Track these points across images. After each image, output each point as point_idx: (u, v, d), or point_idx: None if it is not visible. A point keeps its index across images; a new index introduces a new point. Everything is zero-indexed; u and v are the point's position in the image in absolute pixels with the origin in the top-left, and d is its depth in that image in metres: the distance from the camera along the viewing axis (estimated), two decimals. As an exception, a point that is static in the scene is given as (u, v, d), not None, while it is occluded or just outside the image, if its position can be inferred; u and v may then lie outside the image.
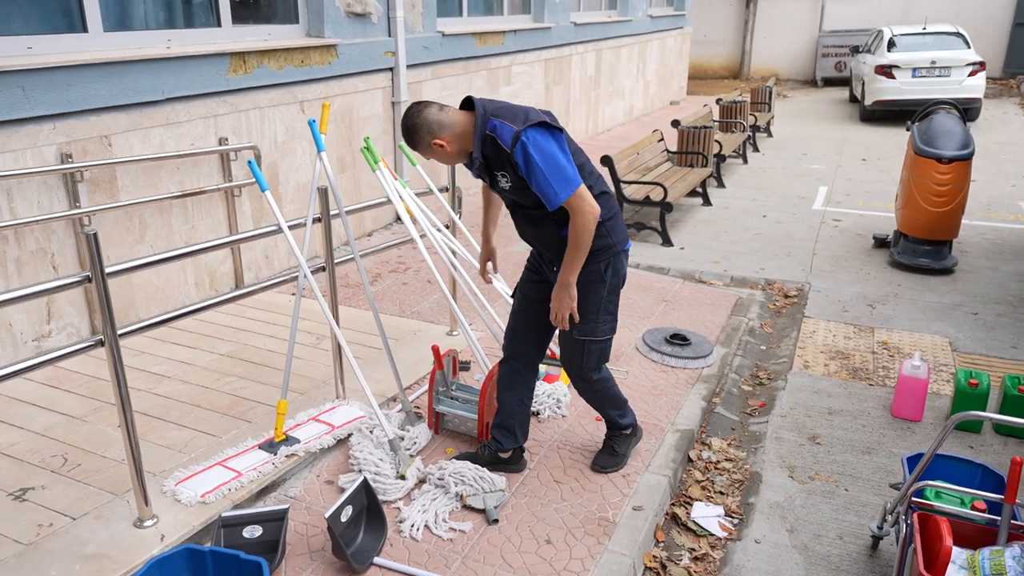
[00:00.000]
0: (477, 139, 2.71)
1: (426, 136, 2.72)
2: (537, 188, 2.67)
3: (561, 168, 2.65)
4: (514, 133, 2.63)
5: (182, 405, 3.69)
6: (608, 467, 3.33)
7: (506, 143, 2.65)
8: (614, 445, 3.37)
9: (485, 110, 2.72)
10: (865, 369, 4.48)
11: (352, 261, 3.72)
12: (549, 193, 2.66)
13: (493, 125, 2.68)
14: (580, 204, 2.68)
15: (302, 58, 5.52)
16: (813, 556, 2.99)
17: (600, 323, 3.00)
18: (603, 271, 2.94)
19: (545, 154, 2.64)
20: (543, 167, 2.62)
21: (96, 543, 2.68)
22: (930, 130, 6.06)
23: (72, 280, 2.47)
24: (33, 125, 3.89)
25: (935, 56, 12.37)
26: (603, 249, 2.90)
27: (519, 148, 2.63)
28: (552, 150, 2.66)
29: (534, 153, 2.62)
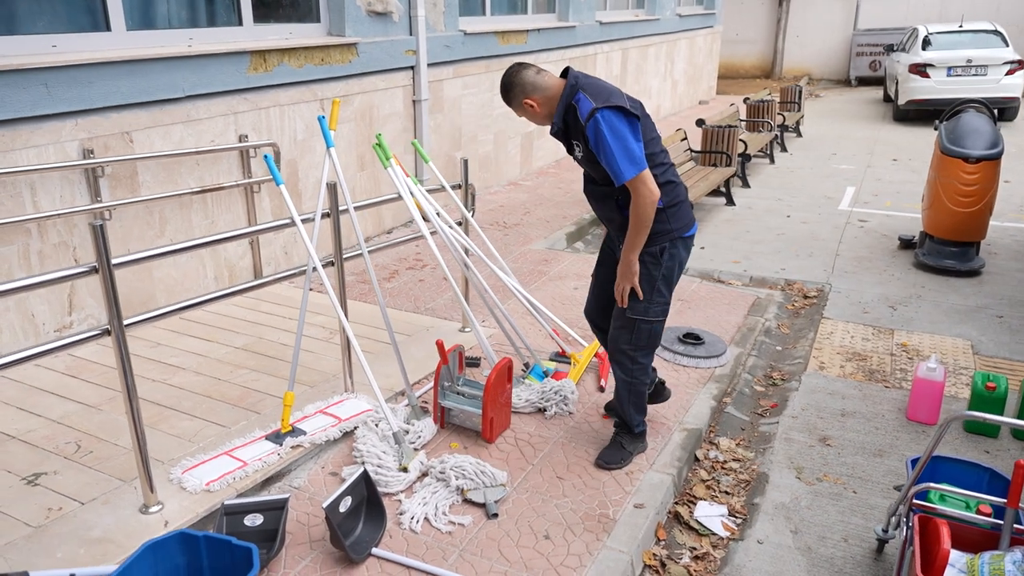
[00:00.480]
0: (561, 106, 2.95)
1: (519, 95, 2.98)
2: (605, 164, 2.88)
3: (629, 150, 2.84)
4: (592, 108, 2.84)
5: (194, 396, 3.76)
6: (613, 463, 3.33)
7: (582, 116, 2.86)
8: (622, 442, 3.38)
9: (576, 82, 2.93)
10: (882, 371, 4.40)
11: (367, 264, 3.75)
12: (615, 170, 2.86)
13: (578, 97, 2.89)
14: (640, 187, 2.87)
15: (322, 56, 5.59)
16: (816, 558, 2.96)
17: (652, 304, 3.13)
18: (659, 255, 3.09)
19: (616, 133, 2.83)
20: (612, 145, 2.82)
21: (102, 527, 2.75)
22: (957, 129, 5.93)
23: (79, 271, 2.53)
24: (56, 121, 4.00)
25: (971, 54, 12.10)
26: (661, 233, 3.06)
27: (592, 123, 2.84)
28: (623, 132, 2.84)
29: (605, 131, 2.82)
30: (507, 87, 3.01)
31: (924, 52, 12.53)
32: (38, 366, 4.04)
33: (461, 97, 7.47)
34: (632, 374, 3.24)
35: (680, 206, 3.10)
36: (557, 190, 8.35)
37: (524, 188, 8.46)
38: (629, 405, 3.32)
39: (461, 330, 4.69)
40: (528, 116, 3.05)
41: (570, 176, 8.98)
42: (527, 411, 3.77)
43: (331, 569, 2.72)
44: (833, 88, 18.45)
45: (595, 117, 2.83)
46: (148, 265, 4.63)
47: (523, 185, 8.60)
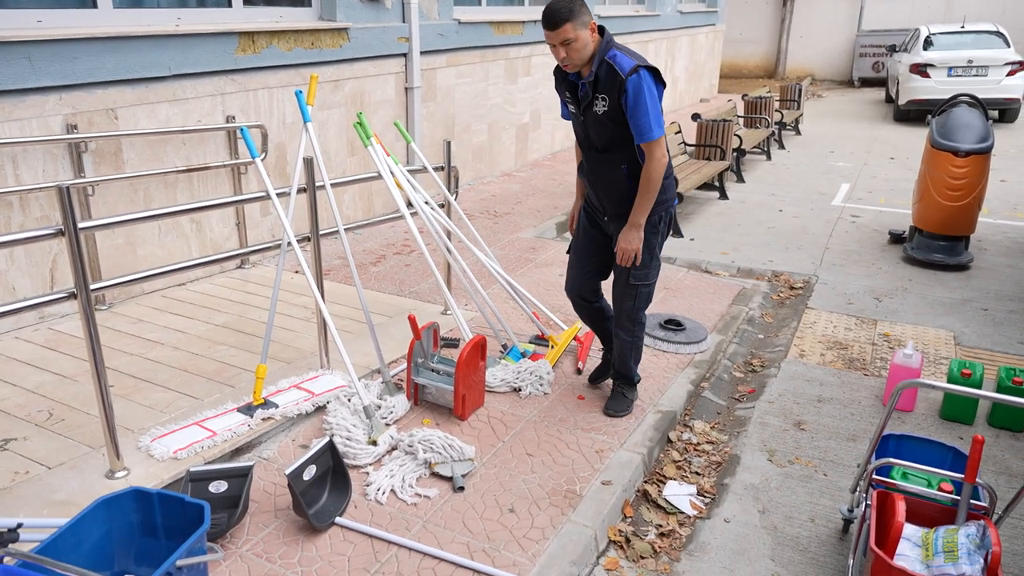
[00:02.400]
0: (598, 58, 3.00)
1: (586, 15, 2.95)
2: (636, 119, 2.98)
3: (659, 112, 3.02)
4: (634, 65, 2.96)
5: (170, 369, 3.78)
6: (621, 410, 3.56)
7: (623, 70, 2.94)
8: (624, 391, 3.62)
9: (610, 40, 3.04)
10: (862, 360, 4.40)
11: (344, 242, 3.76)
12: (644, 127, 2.99)
13: (613, 54, 2.99)
14: (657, 150, 3.05)
15: (312, 40, 5.60)
16: (781, 537, 2.95)
17: (652, 269, 3.35)
18: (657, 223, 3.28)
19: (652, 93, 2.98)
20: (648, 103, 2.95)
21: (67, 491, 2.76)
22: (948, 123, 5.92)
23: (45, 232, 2.54)
24: (39, 95, 4.01)
25: (972, 55, 12.06)
26: (662, 203, 3.25)
27: (635, 78, 2.94)
28: (656, 94, 3.02)
29: (644, 88, 2.94)
30: (574, 2, 2.91)
31: (925, 52, 12.49)
32: (17, 338, 4.06)
33: (455, 86, 7.48)
34: (634, 334, 3.48)
35: (671, 177, 3.31)
36: (551, 181, 8.35)
37: (518, 179, 8.47)
38: (631, 360, 3.56)
39: (443, 313, 4.69)
40: (581, 39, 2.94)
41: (565, 168, 8.98)
42: (502, 390, 3.77)
43: (293, 537, 2.73)
44: (836, 89, 18.41)
45: (639, 73, 2.94)
46: (132, 242, 4.65)
47: (517, 176, 8.60)
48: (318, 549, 2.67)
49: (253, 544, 2.68)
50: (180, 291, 4.88)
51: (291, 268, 5.34)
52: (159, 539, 2.19)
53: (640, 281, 3.35)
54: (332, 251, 5.71)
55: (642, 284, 3.36)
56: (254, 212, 5.44)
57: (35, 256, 4.17)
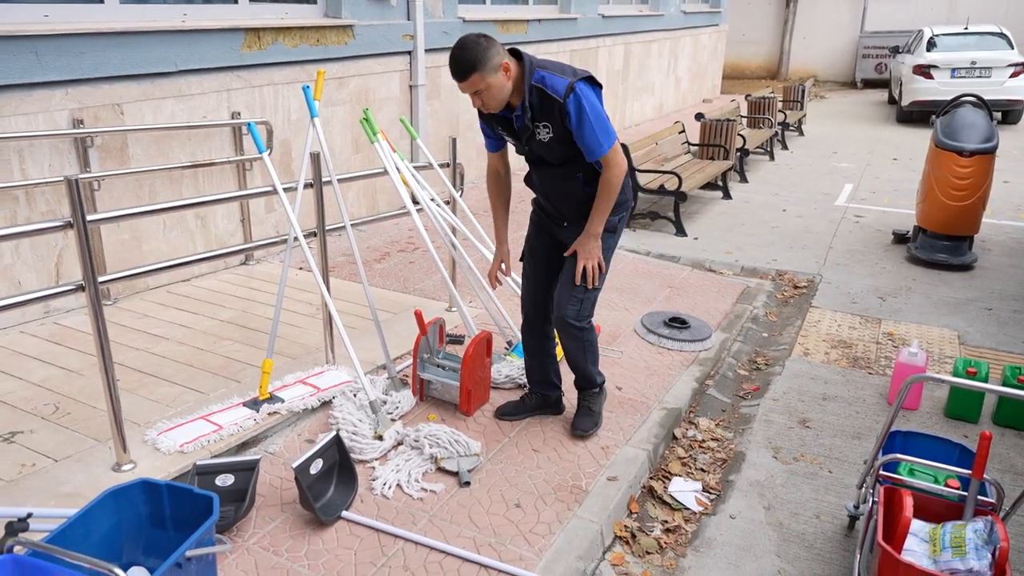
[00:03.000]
0: (526, 89, 2.77)
1: (495, 57, 2.67)
2: (583, 139, 2.78)
3: (605, 121, 2.80)
4: (568, 84, 2.73)
5: (176, 364, 3.78)
6: (589, 429, 3.34)
7: (559, 93, 2.73)
8: (589, 405, 3.39)
9: (531, 62, 2.79)
10: (867, 358, 4.40)
11: (350, 237, 3.77)
12: (594, 144, 2.79)
13: (540, 76, 2.76)
14: (616, 157, 2.85)
15: (318, 37, 5.60)
16: (787, 533, 2.95)
17: (603, 274, 3.10)
18: (616, 224, 3.08)
19: (594, 106, 2.77)
20: (592, 118, 2.74)
21: (73, 483, 2.77)
22: (953, 123, 5.92)
23: (53, 224, 2.54)
24: (46, 90, 4.02)
25: (976, 56, 12.06)
26: (621, 204, 3.06)
27: (573, 98, 2.72)
28: (598, 103, 2.81)
29: (586, 104, 2.73)
30: (479, 47, 2.63)
31: (929, 53, 12.49)
32: (22, 332, 4.06)
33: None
34: (581, 338, 3.18)
35: (626, 176, 3.03)
36: (554, 180, 8.33)
37: (519, 177, 8.45)
38: (588, 364, 3.29)
39: (447, 309, 4.69)
40: (493, 88, 2.70)
41: (568, 168, 8.96)
42: (507, 387, 3.77)
43: (300, 530, 2.73)
44: (838, 90, 18.41)
45: (574, 91, 2.71)
46: (137, 238, 4.66)
47: (521, 174, 8.58)
48: (325, 543, 2.67)
49: (260, 537, 2.68)
50: (185, 287, 4.88)
51: (295, 265, 5.34)
52: (167, 531, 2.19)
53: (587, 285, 3.06)
54: (336, 248, 5.71)
55: (592, 289, 3.08)
56: (258, 208, 5.45)
57: (41, 250, 4.17)
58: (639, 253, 6.17)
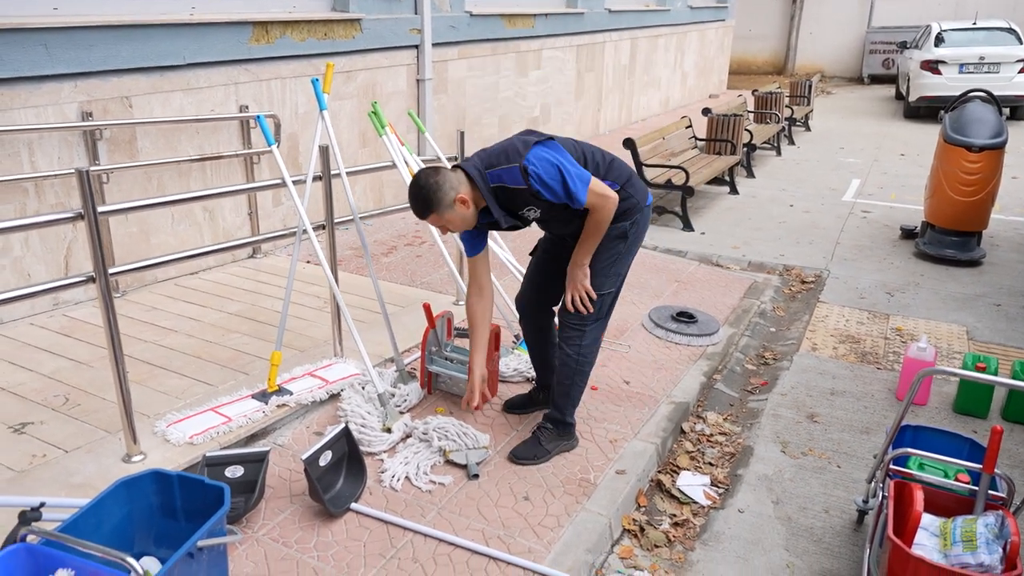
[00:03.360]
0: (489, 196, 2.73)
1: (450, 192, 2.68)
2: (567, 197, 2.71)
3: (569, 172, 2.69)
4: (520, 169, 2.66)
5: (184, 356, 3.79)
6: (526, 459, 3.09)
7: (519, 183, 2.68)
8: (541, 438, 3.14)
9: (478, 169, 2.73)
10: (875, 353, 4.39)
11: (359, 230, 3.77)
12: (575, 198, 2.70)
13: (496, 175, 2.70)
14: (596, 199, 2.74)
15: (325, 31, 5.60)
16: (796, 527, 2.95)
17: (609, 278, 3.00)
18: (627, 228, 2.98)
19: (554, 167, 2.67)
20: (560, 178, 2.67)
21: (84, 474, 2.78)
22: (962, 118, 5.89)
23: (64, 216, 2.55)
24: (55, 83, 4.02)
25: (984, 51, 12.00)
26: (629, 210, 2.95)
27: (533, 177, 2.66)
28: (556, 159, 2.70)
29: (544, 175, 2.66)
30: (433, 188, 2.66)
31: (937, 49, 12.44)
32: (32, 324, 4.08)
33: (465, 79, 7.47)
34: (581, 351, 3.04)
35: (632, 178, 2.98)
36: (560, 175, 8.33)
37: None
38: (572, 387, 3.09)
39: (455, 303, 4.69)
40: (456, 218, 2.73)
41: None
42: (515, 380, 3.77)
43: (309, 522, 2.74)
44: (845, 86, 18.34)
45: (527, 169, 2.65)
46: (145, 231, 4.66)
47: (527, 170, 8.58)
48: (334, 534, 2.68)
49: (269, 529, 2.69)
50: (193, 280, 4.89)
51: (303, 258, 5.35)
52: (179, 521, 2.20)
53: (595, 289, 2.98)
54: (344, 242, 5.71)
55: (597, 292, 2.99)
56: (266, 202, 5.45)
57: (50, 243, 4.18)
58: (646, 248, 6.15)
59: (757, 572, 2.72)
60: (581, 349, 3.06)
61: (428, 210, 2.70)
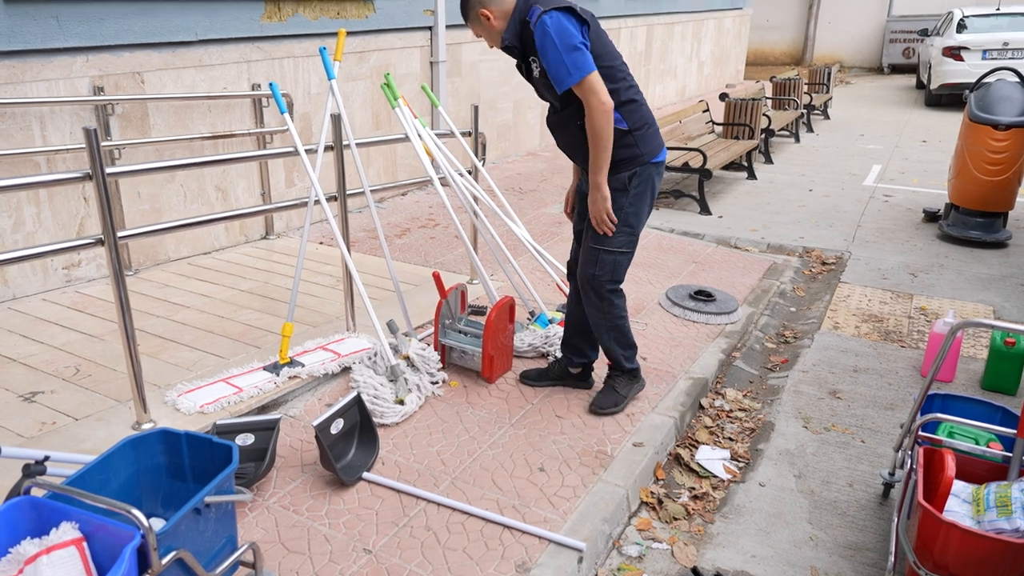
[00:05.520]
0: (516, 22, 2.77)
1: (476, 5, 2.78)
2: (548, 68, 2.68)
3: (574, 50, 2.64)
4: (539, 12, 2.67)
5: (196, 331, 3.75)
6: (606, 408, 3.19)
7: (531, 21, 2.69)
8: (615, 385, 3.24)
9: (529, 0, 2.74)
10: (899, 332, 4.28)
11: (370, 202, 3.71)
12: (559, 74, 2.66)
13: (532, 11, 2.71)
14: (588, 95, 2.67)
15: (338, 10, 5.55)
16: (819, 501, 2.87)
17: (618, 234, 2.93)
18: (627, 181, 2.89)
19: (562, 34, 2.63)
20: (557, 46, 2.63)
21: (93, 440, 2.74)
22: (987, 96, 5.75)
23: (72, 176, 2.51)
24: (67, 56, 4.00)
25: (1008, 37, 11.78)
26: (629, 159, 2.87)
27: (539, 26, 2.65)
28: (570, 32, 2.64)
29: (551, 31, 2.63)
30: (463, 5, 2.83)
31: (959, 35, 12.22)
32: (44, 300, 4.06)
33: (480, 62, 7.40)
34: (602, 308, 3.05)
35: (646, 129, 2.90)
36: (576, 161, 8.25)
37: (542, 158, 8.38)
38: (611, 341, 3.14)
39: (470, 282, 4.63)
40: (484, 32, 2.84)
41: (590, 149, 8.87)
42: (530, 355, 3.71)
43: (321, 491, 2.69)
44: (865, 76, 18.10)
45: (542, 19, 2.65)
46: (157, 208, 4.64)
47: (541, 155, 8.52)
48: (345, 503, 2.63)
49: (280, 496, 2.65)
50: (206, 259, 4.86)
51: (315, 240, 5.31)
52: (187, 482, 2.15)
53: (600, 245, 2.93)
54: (356, 224, 5.67)
55: (603, 249, 2.93)
56: (279, 184, 5.41)
57: (62, 218, 4.16)
58: (663, 230, 6.07)
59: (780, 544, 2.64)
60: (602, 307, 3.07)
61: (465, 18, 2.87)
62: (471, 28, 2.88)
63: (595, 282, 3.00)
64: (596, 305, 3.06)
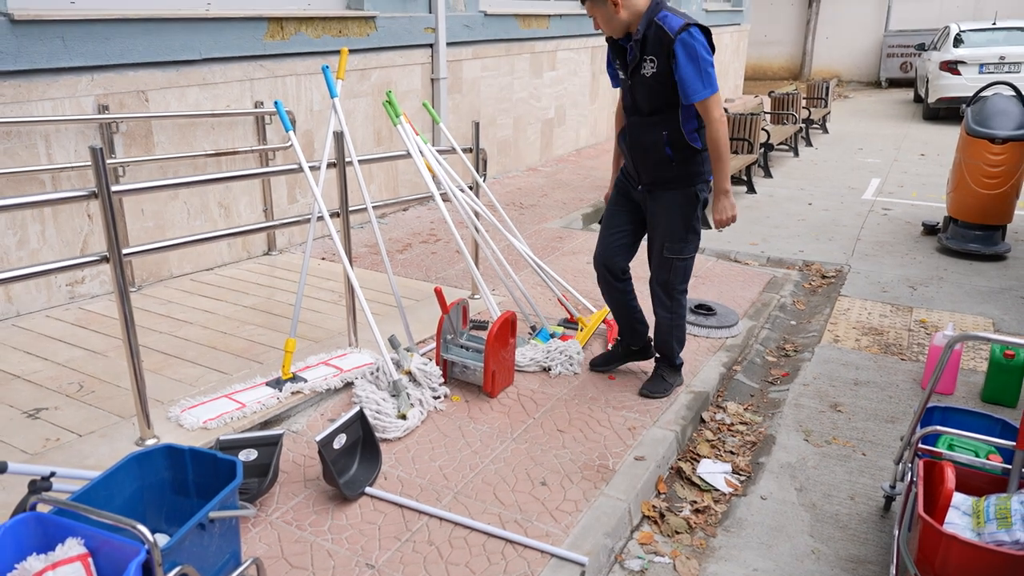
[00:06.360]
0: (645, 20, 2.97)
1: None
2: (683, 78, 2.93)
3: (710, 69, 2.94)
4: (683, 24, 2.92)
5: (199, 347, 3.77)
6: (657, 392, 3.49)
7: (672, 29, 2.91)
8: (663, 374, 3.54)
9: (660, 1, 3.01)
10: (899, 345, 4.30)
11: (372, 226, 3.74)
12: (694, 86, 2.93)
13: (664, 15, 2.95)
14: (714, 109, 2.98)
15: (340, 28, 5.61)
16: (821, 514, 2.88)
17: (688, 242, 3.29)
18: (696, 195, 3.23)
19: (707, 51, 2.94)
20: (698, 61, 2.91)
21: (97, 457, 2.76)
22: (984, 110, 5.80)
23: (78, 194, 2.54)
24: (72, 75, 4.04)
25: (1004, 51, 11.87)
26: (697, 175, 3.21)
27: (684, 36, 2.90)
28: (707, 53, 2.95)
29: (699, 46, 2.91)
30: None
31: (956, 49, 12.31)
32: (48, 316, 4.08)
33: (480, 79, 7.46)
34: (672, 309, 3.40)
35: (705, 151, 3.18)
36: (576, 176, 8.30)
37: (543, 173, 8.43)
38: (671, 338, 3.47)
39: (471, 297, 4.65)
40: (603, 17, 3.02)
41: (590, 163, 8.93)
42: (532, 370, 3.72)
43: (323, 505, 2.70)
44: (863, 90, 18.20)
45: (689, 31, 2.89)
46: (161, 225, 4.67)
47: (542, 171, 8.57)
48: (348, 518, 2.63)
49: (283, 512, 2.65)
50: (208, 276, 4.89)
51: (317, 255, 5.34)
52: (190, 497, 2.17)
53: (675, 255, 3.29)
54: (358, 240, 5.71)
55: (677, 257, 3.30)
56: (281, 200, 5.45)
57: (66, 235, 4.19)
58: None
59: (781, 558, 2.65)
60: (672, 309, 3.41)
61: None
62: (587, 8, 3.04)
63: (669, 287, 3.36)
64: (667, 306, 3.40)
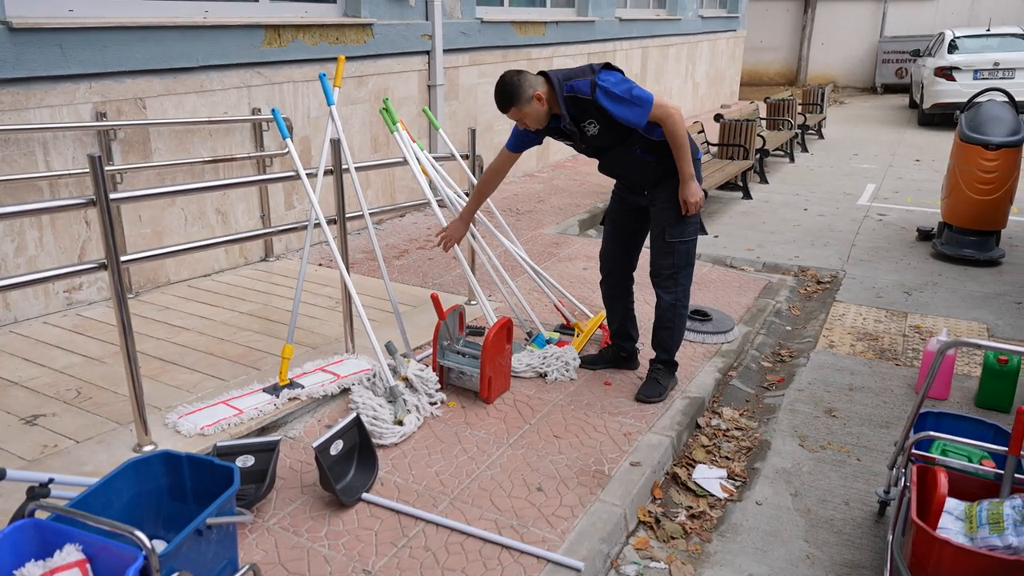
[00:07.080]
0: (561, 103, 3.12)
1: (528, 90, 3.10)
2: (623, 115, 3.06)
3: (633, 90, 3.07)
4: (590, 82, 3.07)
5: (196, 353, 3.78)
6: (652, 396, 3.51)
7: (585, 93, 3.07)
8: (658, 377, 3.57)
9: (558, 79, 3.14)
10: (893, 350, 4.32)
11: (369, 226, 3.76)
12: (634, 116, 3.06)
13: (570, 86, 3.11)
14: (662, 111, 3.08)
15: (337, 35, 5.63)
16: (815, 519, 2.89)
17: (687, 224, 3.37)
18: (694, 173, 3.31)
19: (619, 86, 3.06)
20: (622, 97, 3.04)
21: (94, 463, 2.76)
22: (978, 117, 5.84)
23: (77, 202, 2.55)
24: (70, 83, 4.06)
25: (998, 58, 11.93)
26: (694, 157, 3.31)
27: (599, 91, 3.05)
28: (621, 79, 3.10)
29: (612, 88, 3.04)
30: (513, 85, 3.08)
31: (950, 56, 12.38)
32: (45, 323, 4.09)
33: (477, 85, 7.49)
34: (676, 295, 3.45)
35: None
36: (572, 181, 8.33)
37: (539, 179, 8.46)
38: (674, 329, 3.52)
39: (468, 303, 4.67)
40: (531, 114, 3.14)
41: (587, 170, 8.96)
42: (528, 375, 3.74)
43: (320, 512, 2.71)
44: (858, 95, 18.28)
45: (597, 84, 3.05)
46: (159, 232, 4.68)
47: (538, 177, 8.60)
48: (345, 524, 2.64)
49: (280, 518, 2.66)
50: (205, 282, 4.90)
51: (314, 261, 5.35)
52: (188, 504, 2.18)
53: (676, 238, 3.36)
54: (355, 246, 5.72)
55: (679, 240, 3.37)
56: (278, 206, 5.47)
57: (64, 242, 4.20)
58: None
59: (776, 563, 2.66)
60: (676, 293, 3.45)
61: (510, 103, 3.11)
62: (511, 113, 3.14)
63: (673, 269, 3.41)
64: (670, 291, 3.45)
